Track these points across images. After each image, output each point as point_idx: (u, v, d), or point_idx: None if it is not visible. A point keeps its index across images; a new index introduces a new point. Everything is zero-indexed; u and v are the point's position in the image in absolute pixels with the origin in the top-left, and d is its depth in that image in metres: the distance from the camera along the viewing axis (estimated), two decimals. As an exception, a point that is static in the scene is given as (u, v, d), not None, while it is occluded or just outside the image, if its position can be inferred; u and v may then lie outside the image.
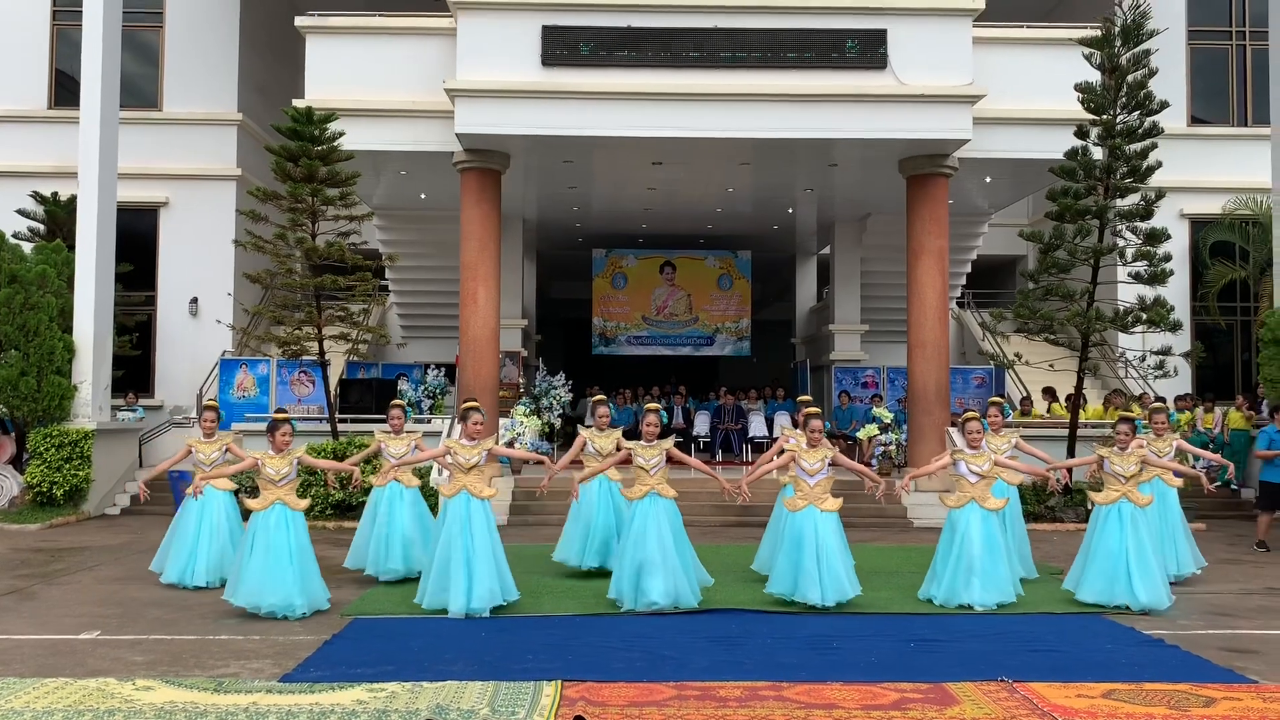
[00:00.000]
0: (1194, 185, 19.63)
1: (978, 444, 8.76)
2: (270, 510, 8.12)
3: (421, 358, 20.57)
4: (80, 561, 10.83)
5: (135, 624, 7.73)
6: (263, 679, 6.16)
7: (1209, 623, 8.03)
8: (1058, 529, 13.73)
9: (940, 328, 15.70)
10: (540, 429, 16.87)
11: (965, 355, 22.59)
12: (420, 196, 18.77)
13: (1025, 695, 5.84)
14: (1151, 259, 14.40)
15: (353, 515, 13.85)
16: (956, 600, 8.36)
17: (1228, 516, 15.47)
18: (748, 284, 23.12)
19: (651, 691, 5.89)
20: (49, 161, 19.02)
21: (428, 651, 6.82)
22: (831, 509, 8.48)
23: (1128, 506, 8.60)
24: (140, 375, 19.34)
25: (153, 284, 19.75)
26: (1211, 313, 19.63)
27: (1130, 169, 14.40)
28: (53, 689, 5.90)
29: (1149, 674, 6.35)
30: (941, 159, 15.58)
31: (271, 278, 15.08)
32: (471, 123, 14.63)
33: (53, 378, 14.67)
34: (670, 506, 8.45)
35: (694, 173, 17.26)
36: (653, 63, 14.67)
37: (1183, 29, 20.21)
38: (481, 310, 15.57)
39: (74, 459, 14.54)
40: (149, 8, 19.81)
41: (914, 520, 14.34)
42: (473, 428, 8.39)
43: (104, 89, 15.34)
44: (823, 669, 6.42)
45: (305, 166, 14.41)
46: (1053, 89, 15.29)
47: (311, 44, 15.52)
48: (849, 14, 14.85)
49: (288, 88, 19.34)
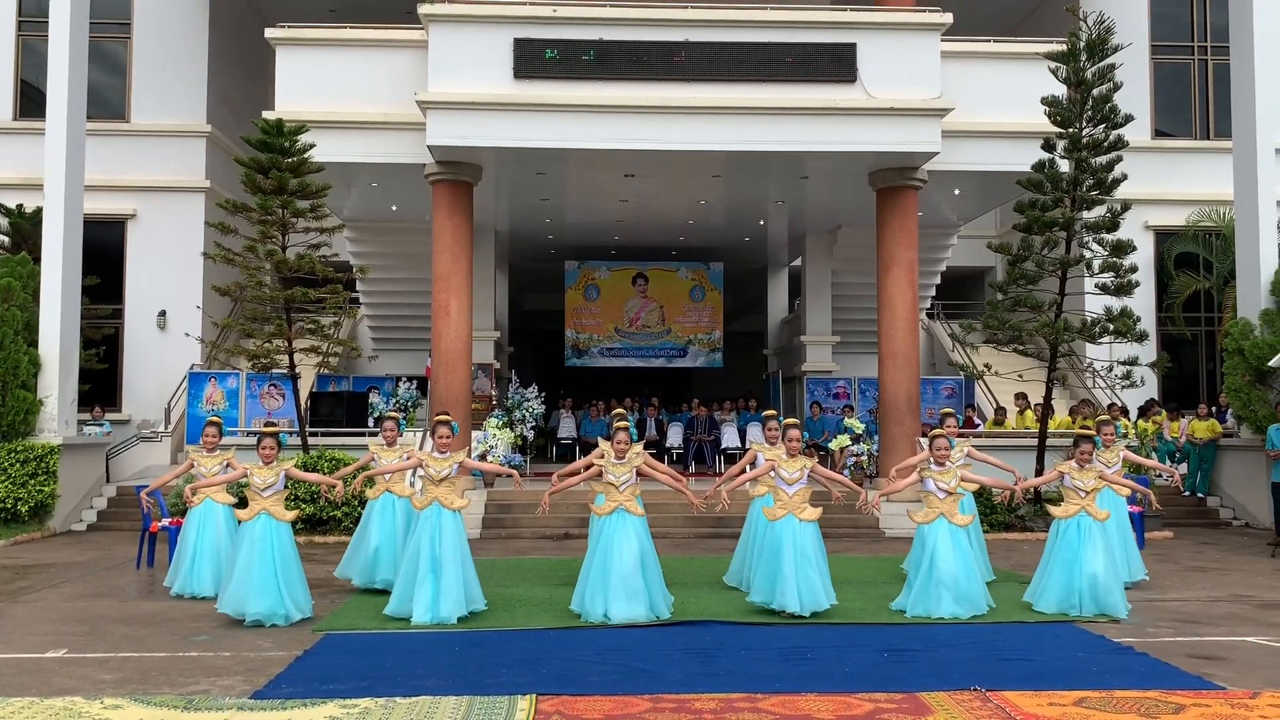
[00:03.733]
0: (1159, 198, 19.93)
1: (944, 460, 8.85)
2: (256, 520, 8.29)
3: (393, 370, 20.47)
4: (46, 579, 10.66)
5: (103, 641, 7.62)
6: (233, 696, 6.09)
7: (1177, 630, 8.13)
8: (1028, 538, 13.84)
9: (911, 339, 15.81)
10: (513, 441, 16.81)
11: (935, 366, 22.75)
12: (392, 209, 18.71)
13: (998, 704, 5.88)
14: (1118, 270, 14.59)
15: (323, 530, 13.77)
16: (928, 615, 8.41)
17: (1194, 524, 15.68)
18: (720, 296, 23.18)
19: (627, 705, 5.88)
20: (14, 173, 18.80)
21: (401, 667, 6.77)
22: (810, 518, 8.53)
23: (1087, 519, 8.78)
24: (108, 389, 19.10)
25: (120, 297, 19.54)
26: (1177, 323, 19.91)
27: (1096, 181, 14.59)
28: (18, 709, 5.80)
29: (1119, 681, 6.41)
30: (911, 171, 15.72)
31: (241, 290, 14.97)
32: (443, 135, 14.61)
33: (18, 392, 14.46)
34: (640, 524, 8.40)
35: (666, 185, 17.32)
36: (624, 76, 14.72)
37: (1146, 44, 20.55)
38: (454, 322, 15.52)
39: (39, 474, 14.33)
40: (116, 18, 19.65)
41: (886, 530, 14.40)
42: (440, 441, 8.46)
43: (70, 100, 15.18)
44: (797, 680, 6.43)
45: (275, 179, 14.32)
46: (1020, 102, 15.48)
47: (282, 56, 15.45)
48: (819, 28, 14.99)
49: (257, 100, 19.24)
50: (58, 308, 14.99)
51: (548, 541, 13.67)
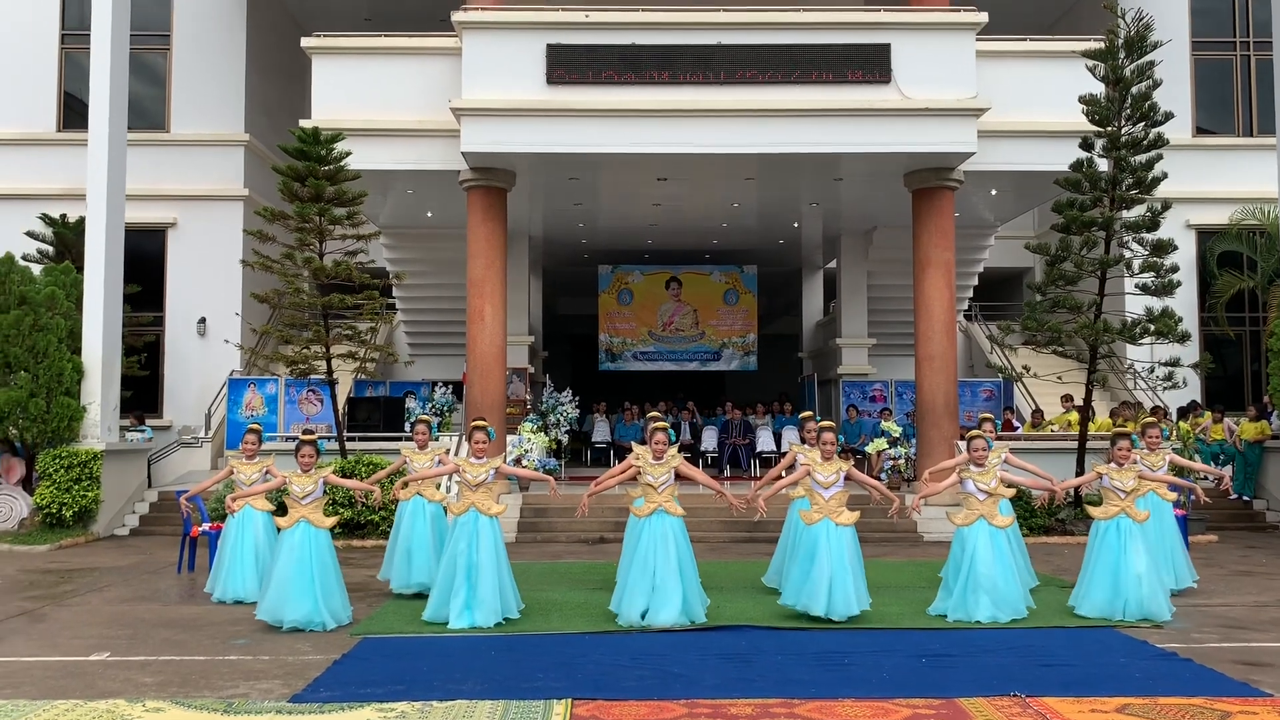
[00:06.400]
0: (1200, 196, 19.60)
1: (983, 461, 8.76)
2: (295, 528, 8.36)
3: (429, 375, 20.60)
4: (89, 583, 10.83)
5: (145, 645, 7.72)
6: (272, 699, 6.14)
7: (1223, 635, 7.98)
8: (1068, 542, 13.66)
9: (948, 340, 15.67)
10: (547, 446, 16.85)
11: (973, 368, 22.55)
12: (427, 215, 18.83)
13: (1039, 710, 5.80)
14: (1159, 270, 14.37)
15: (361, 534, 13.88)
16: (968, 618, 8.34)
17: (1239, 528, 15.40)
18: (754, 298, 23.10)
19: (662, 710, 5.86)
20: (58, 184, 19.13)
21: (437, 671, 6.79)
22: (847, 522, 8.47)
23: (1126, 521, 8.66)
24: (149, 396, 19.38)
25: (161, 304, 19.81)
26: (1220, 323, 19.58)
27: (1136, 180, 14.38)
28: (63, 711, 5.89)
29: (1163, 688, 6.30)
30: (947, 172, 15.59)
31: (279, 297, 15.13)
32: (477, 141, 14.69)
33: (62, 399, 14.70)
34: (678, 524, 8.42)
35: (699, 188, 17.30)
36: (657, 80, 14.73)
37: (1186, 40, 20.24)
38: (488, 327, 15.59)
39: (83, 480, 14.55)
40: (156, 30, 19.96)
41: (924, 534, 14.28)
42: (476, 446, 8.50)
43: (112, 111, 15.43)
44: (834, 685, 6.38)
45: (312, 186, 14.46)
46: (1057, 101, 15.30)
47: (318, 65, 15.61)
48: (853, 29, 14.92)
49: (294, 108, 19.47)
50: (100, 315, 15.23)
51: (583, 545, 13.68)
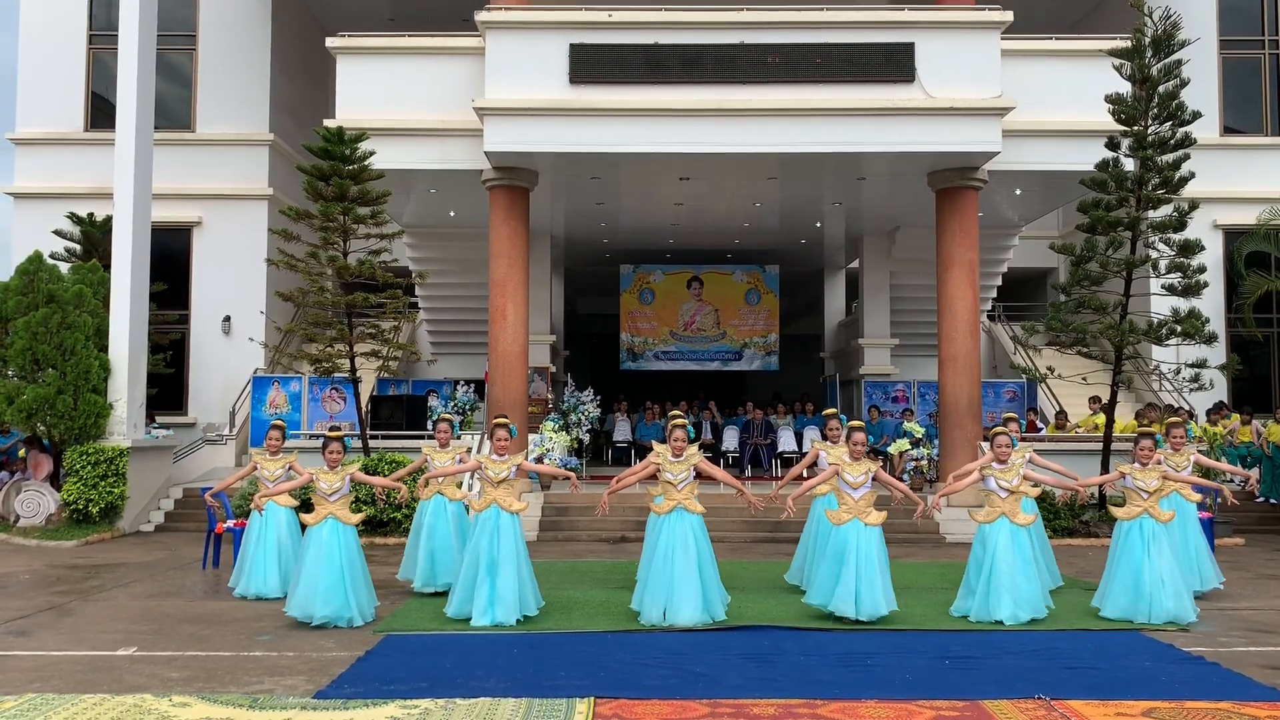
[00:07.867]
0: (1227, 196, 19.43)
1: (1006, 459, 8.72)
2: (323, 524, 8.42)
3: (451, 374, 20.66)
4: (116, 578, 10.93)
5: (171, 640, 7.79)
6: (297, 695, 6.18)
7: (1250, 639, 7.90)
8: (1092, 544, 13.56)
9: (971, 341, 15.59)
10: (569, 445, 16.88)
11: (997, 369, 22.41)
12: (450, 214, 18.90)
13: (1064, 713, 5.76)
14: (1185, 270, 14.24)
15: (383, 531, 13.95)
16: (989, 616, 8.31)
17: (1267, 531, 15.24)
18: (776, 298, 23.05)
19: (685, 709, 5.86)
20: (85, 183, 19.34)
21: (460, 668, 6.82)
22: (875, 523, 8.45)
23: (1149, 522, 8.59)
24: (174, 393, 19.55)
25: (186, 303, 19.98)
26: (1247, 324, 19.38)
27: (1162, 180, 14.26)
28: (91, 705, 5.95)
29: (1190, 692, 6.25)
30: (971, 172, 15.51)
31: (303, 296, 15.21)
32: (500, 141, 14.73)
33: (89, 396, 14.84)
34: (698, 522, 8.42)
35: (721, 188, 17.27)
36: (679, 79, 14.72)
37: (1214, 38, 20.05)
38: (510, 326, 15.63)
39: (109, 476, 14.69)
40: (182, 31, 20.13)
41: (946, 535, 14.21)
42: (498, 443, 8.53)
43: (139, 111, 15.56)
44: (857, 686, 6.37)
45: (336, 185, 14.54)
46: (1083, 100, 15.17)
47: (342, 65, 15.68)
48: (877, 28, 14.86)
49: (318, 108, 19.58)
50: (127, 313, 15.36)
51: (604, 544, 13.70)
